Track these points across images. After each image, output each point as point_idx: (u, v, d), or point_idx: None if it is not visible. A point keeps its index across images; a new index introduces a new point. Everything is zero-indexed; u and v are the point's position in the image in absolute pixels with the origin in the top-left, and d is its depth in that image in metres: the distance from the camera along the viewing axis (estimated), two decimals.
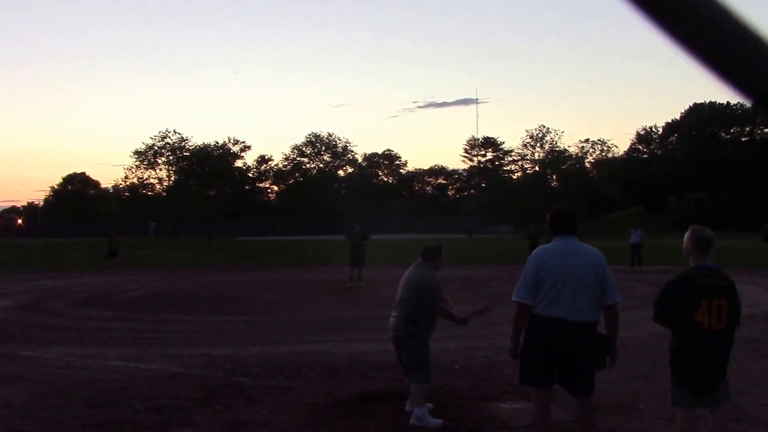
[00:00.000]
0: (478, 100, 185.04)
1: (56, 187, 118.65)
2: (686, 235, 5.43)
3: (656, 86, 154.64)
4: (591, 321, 5.49)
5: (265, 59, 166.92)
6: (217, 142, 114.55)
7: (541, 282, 5.50)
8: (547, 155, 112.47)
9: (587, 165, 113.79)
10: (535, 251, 5.79)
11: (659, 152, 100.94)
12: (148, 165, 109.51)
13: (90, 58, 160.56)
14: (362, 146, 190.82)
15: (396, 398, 7.86)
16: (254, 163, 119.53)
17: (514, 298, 5.64)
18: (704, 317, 5.19)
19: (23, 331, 13.64)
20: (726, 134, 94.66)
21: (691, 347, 5.28)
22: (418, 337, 7.09)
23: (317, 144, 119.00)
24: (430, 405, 7.31)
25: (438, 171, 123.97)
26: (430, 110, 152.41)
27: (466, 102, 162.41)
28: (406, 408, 7.34)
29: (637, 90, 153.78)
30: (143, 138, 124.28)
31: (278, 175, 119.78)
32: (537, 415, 5.74)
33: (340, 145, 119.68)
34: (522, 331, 5.63)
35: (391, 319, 7.25)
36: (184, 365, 10.05)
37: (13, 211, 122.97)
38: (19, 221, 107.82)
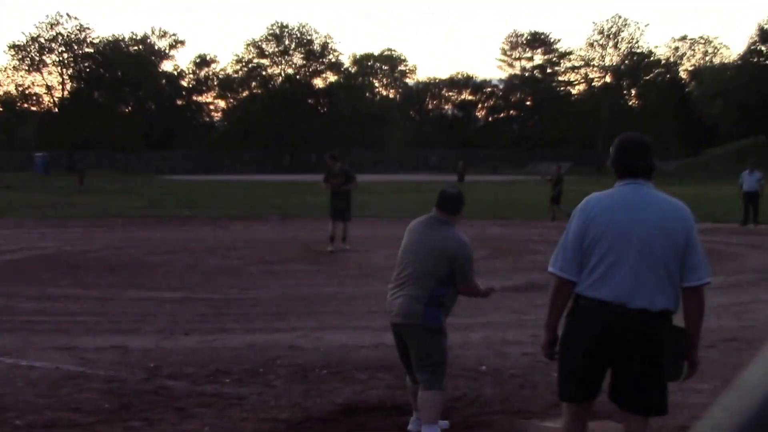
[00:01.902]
0: None
1: None
2: None
3: None
4: (662, 309, 5.27)
5: None
6: (134, 35, 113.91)
7: (589, 247, 5.36)
8: (623, 60, 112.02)
9: (683, 75, 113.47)
10: (584, 200, 5.59)
11: None
12: (30, 66, 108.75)
13: None
14: (349, 44, 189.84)
15: (394, 412, 7.93)
16: (191, 66, 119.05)
17: (549, 269, 5.55)
18: None
19: None
20: None
21: None
22: (440, 327, 7.14)
23: (284, 39, 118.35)
24: (445, 423, 7.38)
25: (462, 82, 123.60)
26: None
27: None
28: (410, 427, 7.42)
29: None
30: (24, 26, 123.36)
31: (226, 85, 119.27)
32: None
33: (318, 41, 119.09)
34: (560, 317, 5.56)
35: (396, 300, 7.21)
36: (86, 362, 10.08)
37: None
38: None
